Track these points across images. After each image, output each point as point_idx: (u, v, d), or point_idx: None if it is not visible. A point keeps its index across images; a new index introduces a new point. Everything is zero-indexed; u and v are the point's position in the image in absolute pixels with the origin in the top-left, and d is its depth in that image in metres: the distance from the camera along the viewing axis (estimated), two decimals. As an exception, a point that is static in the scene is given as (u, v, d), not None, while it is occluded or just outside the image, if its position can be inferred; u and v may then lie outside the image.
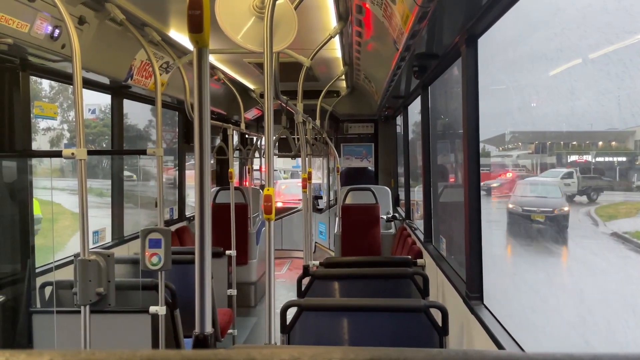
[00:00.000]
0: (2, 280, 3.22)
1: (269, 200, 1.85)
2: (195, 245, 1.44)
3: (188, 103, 4.38)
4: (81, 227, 2.33)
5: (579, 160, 4.19)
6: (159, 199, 3.32)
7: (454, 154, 4.67)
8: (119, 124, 4.89)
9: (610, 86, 2.27)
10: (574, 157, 4.28)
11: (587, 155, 4.07)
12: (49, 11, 2.90)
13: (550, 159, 4.68)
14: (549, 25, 2.94)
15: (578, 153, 4.20)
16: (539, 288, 3.65)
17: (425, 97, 4.88)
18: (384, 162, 8.92)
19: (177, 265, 3.22)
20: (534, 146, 4.98)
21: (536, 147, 4.90)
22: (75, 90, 2.30)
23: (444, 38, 3.23)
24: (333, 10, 3.69)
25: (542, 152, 4.80)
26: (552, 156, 4.65)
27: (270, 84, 1.87)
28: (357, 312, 2.70)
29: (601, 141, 3.81)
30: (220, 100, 7.47)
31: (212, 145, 6.33)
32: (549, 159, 4.71)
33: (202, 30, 1.22)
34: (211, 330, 1.43)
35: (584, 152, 4.11)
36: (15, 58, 3.25)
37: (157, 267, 2.86)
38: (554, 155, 4.61)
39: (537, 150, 4.91)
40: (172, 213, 6.46)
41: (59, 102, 9.76)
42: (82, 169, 2.31)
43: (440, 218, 4.86)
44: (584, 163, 4.08)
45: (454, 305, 3.24)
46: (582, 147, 4.08)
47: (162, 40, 4.00)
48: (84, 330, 2.33)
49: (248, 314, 6.59)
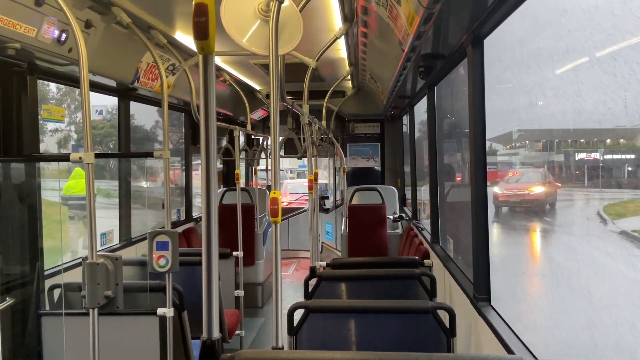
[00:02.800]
0: (12, 283, 3.24)
1: (275, 204, 1.85)
2: (202, 247, 1.45)
3: (194, 105, 4.39)
4: (89, 230, 2.35)
5: (587, 158, 4.15)
6: (166, 200, 3.33)
7: (461, 153, 4.65)
8: (125, 127, 4.91)
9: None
10: (582, 154, 4.24)
11: (595, 153, 4.03)
12: (55, 15, 2.92)
13: (558, 157, 4.64)
14: (556, 25, 2.93)
15: (586, 151, 4.16)
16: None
17: (432, 97, 4.87)
18: (390, 162, 8.90)
19: (185, 267, 3.24)
20: (541, 144, 4.94)
21: (543, 145, 4.87)
22: (83, 94, 2.31)
23: (450, 39, 3.22)
24: (338, 12, 3.68)
25: (549, 150, 4.77)
26: (559, 154, 4.61)
27: (275, 86, 1.87)
28: (364, 313, 2.70)
29: (609, 139, 3.77)
30: (227, 101, 7.49)
31: (218, 147, 6.34)
32: (556, 157, 4.67)
33: (208, 37, 1.23)
34: (219, 335, 1.43)
35: (592, 150, 4.07)
36: (22, 62, 3.27)
37: (165, 269, 2.88)
38: (562, 154, 4.57)
39: (544, 148, 4.88)
40: (179, 214, 6.48)
41: (67, 104, 9.84)
42: (90, 173, 2.32)
43: (447, 218, 4.85)
44: (592, 161, 4.04)
45: (462, 306, 3.23)
46: (590, 144, 4.05)
47: (168, 42, 4.02)
48: (92, 332, 2.35)
49: (255, 315, 6.60)
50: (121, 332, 2.90)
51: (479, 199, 2.99)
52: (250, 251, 6.69)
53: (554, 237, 4.65)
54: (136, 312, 2.95)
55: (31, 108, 3.41)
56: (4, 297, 3.17)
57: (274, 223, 1.87)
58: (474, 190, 3.01)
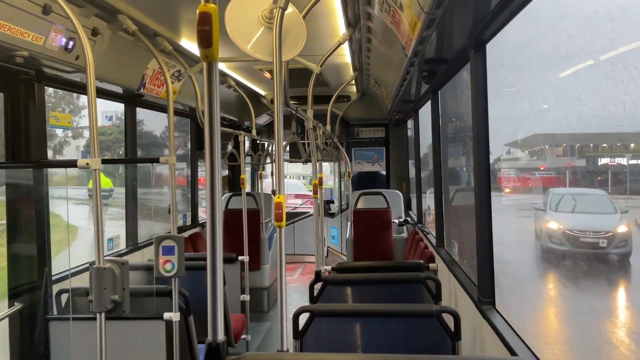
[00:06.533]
0: (19, 288, 3.27)
1: (279, 208, 1.87)
2: (207, 253, 1.47)
3: (199, 110, 4.42)
4: (96, 235, 2.37)
5: (611, 163, 3.88)
6: (172, 206, 3.36)
7: (466, 157, 4.66)
8: (132, 133, 4.95)
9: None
10: (605, 159, 3.97)
11: (620, 158, 3.80)
12: (63, 24, 2.96)
13: (580, 162, 4.42)
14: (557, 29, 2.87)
15: (610, 155, 3.90)
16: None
17: (435, 101, 4.88)
18: (395, 166, 8.91)
19: (191, 271, 3.26)
20: (561, 149, 4.77)
21: (564, 149, 4.72)
22: (90, 100, 2.34)
23: (453, 43, 3.23)
24: (342, 18, 3.71)
25: (570, 154, 4.59)
26: (581, 159, 4.41)
27: (279, 92, 1.90)
28: (369, 317, 2.71)
29: (633, 143, 3.63)
30: (232, 106, 7.53)
31: (223, 152, 6.37)
32: (578, 162, 4.46)
33: (212, 45, 1.25)
34: (224, 337, 1.45)
35: (617, 155, 3.82)
36: (30, 70, 3.32)
37: (171, 274, 2.90)
38: (584, 159, 4.35)
39: (565, 153, 4.73)
40: (185, 219, 6.51)
41: (61, 109, 9.83)
42: (97, 179, 2.35)
43: (452, 222, 4.85)
44: (617, 166, 3.80)
45: (466, 310, 3.23)
46: (614, 149, 3.86)
47: (173, 49, 4.05)
48: (99, 337, 2.37)
49: (261, 319, 6.61)
50: (128, 336, 2.92)
51: (483, 203, 2.99)
52: (256, 256, 6.70)
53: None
54: (143, 317, 2.97)
55: (39, 115, 3.45)
56: (13, 302, 3.20)
57: (278, 227, 1.89)
58: (477, 193, 3.02)
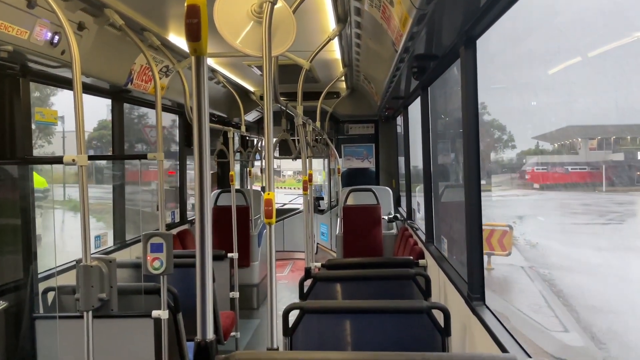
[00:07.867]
0: (5, 287, 3.22)
1: (269, 205, 1.85)
2: (196, 250, 1.44)
3: (188, 106, 4.38)
4: (83, 233, 2.34)
5: None
6: (160, 203, 3.33)
7: (455, 153, 4.66)
8: (119, 129, 4.89)
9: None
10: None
11: None
12: (48, 18, 2.91)
13: (617, 156, 4.16)
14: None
15: None
16: None
17: (425, 98, 4.88)
18: (385, 163, 8.92)
19: (179, 269, 3.23)
20: (595, 142, 4.50)
21: (598, 142, 4.46)
22: (75, 96, 2.31)
23: (443, 39, 3.23)
24: (332, 13, 3.69)
25: (605, 148, 4.33)
26: (617, 153, 4.16)
27: (269, 87, 1.87)
28: (359, 314, 2.70)
29: None
30: (221, 103, 7.48)
31: (212, 148, 6.33)
32: (614, 156, 4.21)
33: (200, 38, 1.23)
34: (213, 336, 1.43)
35: None
36: (15, 65, 3.26)
37: (159, 271, 2.87)
38: (621, 152, 4.11)
39: (599, 146, 4.46)
40: (174, 216, 6.47)
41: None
42: (83, 175, 2.32)
43: (442, 218, 4.86)
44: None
45: (456, 306, 3.24)
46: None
47: (161, 44, 4.01)
48: (86, 335, 2.34)
49: (251, 317, 6.59)
50: (116, 334, 2.89)
51: (472, 199, 3.00)
52: (246, 253, 6.68)
53: None
54: (131, 315, 2.94)
55: (24, 110, 3.39)
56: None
57: (268, 224, 1.87)
58: (467, 189, 3.02)
